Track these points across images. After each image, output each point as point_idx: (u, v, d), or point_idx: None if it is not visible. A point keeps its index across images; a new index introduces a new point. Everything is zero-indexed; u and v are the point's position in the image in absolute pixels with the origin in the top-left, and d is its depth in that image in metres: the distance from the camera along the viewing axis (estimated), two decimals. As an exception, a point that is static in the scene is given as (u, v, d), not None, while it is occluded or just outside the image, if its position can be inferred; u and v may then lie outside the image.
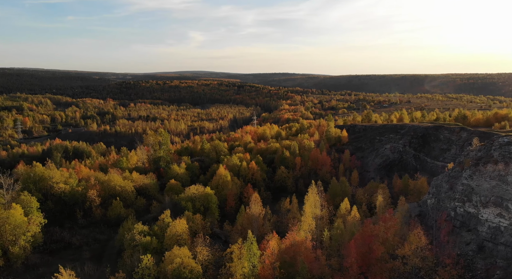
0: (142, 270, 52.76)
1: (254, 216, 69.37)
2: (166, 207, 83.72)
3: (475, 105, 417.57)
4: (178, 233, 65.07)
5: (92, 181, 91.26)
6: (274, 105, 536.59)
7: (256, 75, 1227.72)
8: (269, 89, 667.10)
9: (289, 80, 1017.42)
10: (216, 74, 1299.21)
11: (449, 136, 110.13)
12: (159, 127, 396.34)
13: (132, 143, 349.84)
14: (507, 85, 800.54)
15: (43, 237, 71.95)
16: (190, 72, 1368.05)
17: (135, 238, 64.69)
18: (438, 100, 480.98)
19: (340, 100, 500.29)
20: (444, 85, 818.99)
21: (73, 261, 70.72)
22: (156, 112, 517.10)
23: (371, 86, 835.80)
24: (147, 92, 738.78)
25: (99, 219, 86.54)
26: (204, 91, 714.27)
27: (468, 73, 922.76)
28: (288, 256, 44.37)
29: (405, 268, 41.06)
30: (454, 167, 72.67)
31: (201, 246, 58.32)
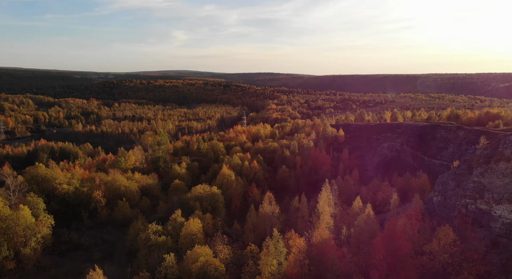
0: (165, 269, 52.79)
1: (268, 215, 69.86)
2: (175, 206, 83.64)
3: (457, 104, 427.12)
4: (193, 232, 65.20)
5: (97, 181, 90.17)
6: (261, 104, 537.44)
7: (241, 74, 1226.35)
8: (255, 89, 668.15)
9: (274, 80, 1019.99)
10: (201, 73, 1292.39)
11: (445, 135, 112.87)
12: (146, 127, 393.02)
13: (119, 143, 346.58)
14: (485, 85, 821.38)
15: (52, 239, 71.13)
16: (174, 71, 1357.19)
17: (150, 238, 64.47)
18: (422, 100, 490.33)
19: (326, 100, 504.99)
20: (426, 85, 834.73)
21: (84, 262, 70.49)
22: (141, 112, 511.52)
23: (354, 86, 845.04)
24: (131, 91, 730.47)
25: (105, 220, 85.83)
26: (190, 90, 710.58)
27: (448, 73, 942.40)
28: (316, 253, 45.07)
29: (432, 264, 42.31)
30: (460, 165, 74.72)
31: (221, 245, 58.69)
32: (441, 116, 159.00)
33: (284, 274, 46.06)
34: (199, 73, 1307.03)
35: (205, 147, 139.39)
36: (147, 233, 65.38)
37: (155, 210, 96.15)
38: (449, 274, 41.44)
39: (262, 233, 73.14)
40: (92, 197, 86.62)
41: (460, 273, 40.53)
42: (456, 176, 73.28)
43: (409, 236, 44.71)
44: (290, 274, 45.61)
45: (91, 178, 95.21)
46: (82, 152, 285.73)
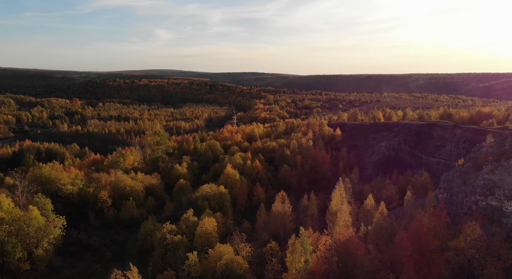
0: (188, 268, 52.89)
1: (281, 214, 70.52)
2: (184, 206, 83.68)
3: (441, 103, 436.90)
4: (208, 231, 65.37)
5: (103, 181, 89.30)
6: (247, 104, 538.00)
7: (226, 74, 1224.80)
8: (242, 89, 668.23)
9: (259, 80, 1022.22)
10: (185, 73, 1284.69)
11: (442, 133, 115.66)
12: (133, 127, 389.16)
13: (106, 144, 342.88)
14: (466, 84, 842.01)
15: (62, 240, 70.38)
16: (157, 70, 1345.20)
17: (166, 237, 64.38)
18: (406, 99, 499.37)
19: (313, 100, 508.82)
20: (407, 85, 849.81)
21: (96, 262, 70.60)
22: (127, 111, 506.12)
23: (338, 85, 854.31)
24: (115, 91, 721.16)
25: (112, 220, 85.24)
26: (175, 90, 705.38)
27: (429, 73, 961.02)
28: (344, 251, 45.93)
29: (458, 259, 43.71)
30: (465, 163, 76.82)
31: (240, 243, 59.08)
32: (432, 115, 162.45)
33: (310, 271, 46.75)
34: (183, 73, 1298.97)
35: (203, 147, 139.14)
36: (162, 233, 65.17)
37: (160, 210, 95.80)
38: (475, 269, 42.88)
39: (274, 231, 73.79)
40: (98, 198, 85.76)
41: (485, 267, 41.98)
42: (461, 174, 75.30)
43: (435, 232, 45.95)
44: (316, 271, 46.32)
45: (96, 179, 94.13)
46: (69, 152, 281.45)
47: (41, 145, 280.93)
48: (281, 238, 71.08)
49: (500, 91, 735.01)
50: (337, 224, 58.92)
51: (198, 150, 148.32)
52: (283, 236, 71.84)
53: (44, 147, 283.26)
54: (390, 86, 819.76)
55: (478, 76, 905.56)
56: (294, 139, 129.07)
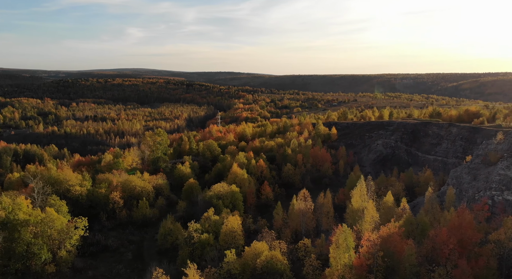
0: (227, 265, 53.24)
1: (303, 211, 71.71)
2: (199, 205, 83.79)
3: (416, 103, 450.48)
4: (234, 229, 65.79)
5: (114, 182, 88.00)
6: (226, 104, 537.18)
7: (201, 73, 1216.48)
8: (220, 88, 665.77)
9: (235, 79, 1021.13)
10: (159, 72, 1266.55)
11: (438, 131, 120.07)
12: (112, 127, 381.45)
13: (85, 145, 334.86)
14: (435, 84, 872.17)
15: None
16: (130, 69, 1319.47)
17: (193, 236, 64.44)
18: (381, 99, 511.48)
19: (291, 99, 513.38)
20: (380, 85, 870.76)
21: (117, 263, 70.02)
22: (102, 111, 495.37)
23: (313, 85, 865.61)
24: (87, 91, 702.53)
25: (124, 220, 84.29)
26: (151, 89, 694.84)
27: (400, 73, 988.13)
28: (387, 246, 47.42)
29: (497, 251, 46.12)
30: (473, 159, 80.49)
31: (271, 240, 59.82)
32: (421, 113, 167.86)
33: (352, 267, 48.01)
34: (157, 72, 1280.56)
35: (200, 147, 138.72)
36: (189, 231, 65.19)
37: (168, 209, 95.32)
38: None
39: (294, 228, 74.82)
40: (110, 198, 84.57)
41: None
42: (470, 170, 78.85)
43: (474, 226, 48.19)
44: (358, 266, 47.65)
45: (102, 179, 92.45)
46: (48, 154, 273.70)
47: (17, 146, 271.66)
48: (302, 235, 72.23)
49: (468, 91, 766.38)
50: (365, 220, 60.61)
51: (194, 150, 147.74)
52: (305, 233, 73.07)
53: (21, 148, 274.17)
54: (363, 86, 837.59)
55: (446, 76, 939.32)
56: (294, 138, 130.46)
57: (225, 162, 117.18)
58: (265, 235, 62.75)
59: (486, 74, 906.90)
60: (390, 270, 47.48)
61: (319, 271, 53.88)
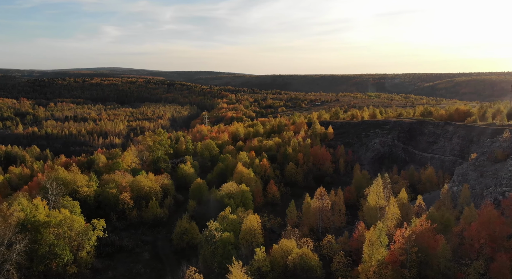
0: (257, 263, 53.64)
1: (319, 209, 72.64)
2: (211, 204, 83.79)
3: (397, 102, 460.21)
4: (254, 227, 66.15)
5: (123, 183, 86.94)
6: (209, 103, 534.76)
7: (181, 73, 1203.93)
8: (202, 88, 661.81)
9: (216, 79, 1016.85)
10: (136, 71, 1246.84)
11: (433, 130, 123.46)
12: (94, 127, 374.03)
13: (67, 146, 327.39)
14: (412, 84, 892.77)
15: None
16: (107, 68, 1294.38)
17: (214, 235, 64.46)
18: (363, 98, 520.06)
19: (274, 99, 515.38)
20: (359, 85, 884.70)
21: (135, 263, 70.34)
22: (82, 112, 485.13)
23: (294, 85, 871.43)
24: (65, 90, 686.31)
25: (135, 221, 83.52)
26: (131, 89, 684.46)
27: (378, 73, 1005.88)
28: (421, 241, 48.81)
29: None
30: (478, 157, 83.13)
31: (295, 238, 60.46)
32: (411, 113, 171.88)
33: (383, 262, 49.10)
34: (135, 71, 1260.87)
35: (199, 147, 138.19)
36: (210, 230, 65.25)
37: (176, 209, 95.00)
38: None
39: (309, 226, 75.65)
40: (120, 199, 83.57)
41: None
42: (476, 167, 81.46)
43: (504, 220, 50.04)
44: (390, 261, 48.83)
45: (110, 180, 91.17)
46: (29, 155, 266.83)
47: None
48: (319, 232, 73.22)
49: (444, 90, 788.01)
50: (386, 217, 62.01)
51: (190, 150, 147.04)
52: (322, 230, 74.05)
53: (1, 150, 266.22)
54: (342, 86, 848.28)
55: (422, 76, 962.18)
56: (294, 138, 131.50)
57: (227, 161, 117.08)
58: (289, 233, 63.34)
59: (460, 74, 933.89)
60: (424, 265, 48.82)
61: (347, 267, 54.99)
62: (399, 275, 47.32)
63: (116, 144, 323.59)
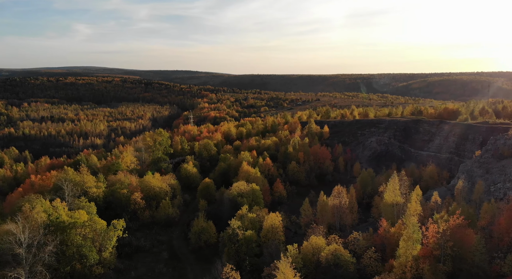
0: (288, 259, 54.08)
1: (337, 207, 73.72)
2: (224, 203, 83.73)
3: (376, 102, 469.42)
4: (276, 225, 66.69)
5: (133, 183, 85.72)
6: (189, 103, 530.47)
7: (157, 72, 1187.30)
8: (181, 87, 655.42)
9: (193, 78, 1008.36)
10: (111, 70, 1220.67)
11: (429, 128, 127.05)
12: (74, 128, 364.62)
13: (46, 147, 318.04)
14: (387, 84, 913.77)
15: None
16: (80, 67, 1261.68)
17: (237, 233, 64.62)
18: (342, 98, 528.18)
19: (255, 99, 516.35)
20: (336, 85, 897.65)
21: (155, 263, 69.91)
22: (58, 112, 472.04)
23: (272, 85, 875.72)
24: (38, 90, 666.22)
25: (148, 221, 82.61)
26: (107, 88, 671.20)
27: (354, 73, 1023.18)
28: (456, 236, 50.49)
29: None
30: (483, 154, 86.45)
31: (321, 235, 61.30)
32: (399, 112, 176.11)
33: (417, 257, 50.56)
34: (109, 70, 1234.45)
35: (196, 147, 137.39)
36: (233, 228, 65.41)
37: (185, 208, 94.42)
38: None
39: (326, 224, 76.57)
40: (131, 199, 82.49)
41: None
42: (481, 164, 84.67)
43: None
44: (423, 256, 50.38)
45: (117, 180, 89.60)
46: (8, 157, 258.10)
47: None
48: (337, 230, 74.26)
49: (417, 90, 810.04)
50: (409, 213, 63.61)
51: (186, 150, 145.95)
52: (339, 227, 75.18)
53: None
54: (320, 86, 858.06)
55: (396, 76, 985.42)
56: (294, 137, 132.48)
57: (229, 161, 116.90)
58: (315, 230, 64.09)
59: (432, 75, 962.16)
60: (457, 259, 50.50)
61: (378, 262, 56.15)
62: (436, 269, 48.77)
63: (98, 145, 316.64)
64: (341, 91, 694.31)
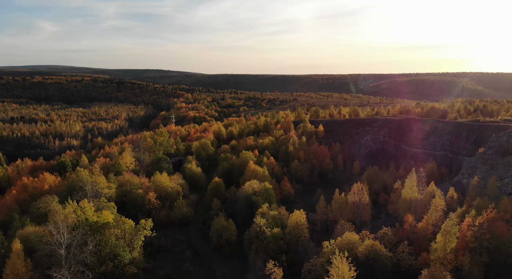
0: (327, 255, 55.17)
1: (357, 204, 75.35)
2: (240, 202, 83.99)
3: (352, 101, 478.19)
4: (301, 222, 67.61)
5: (146, 183, 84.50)
6: (165, 103, 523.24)
7: (127, 71, 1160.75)
8: (155, 87, 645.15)
9: (165, 77, 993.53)
10: (78, 69, 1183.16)
11: (422, 127, 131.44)
12: (48, 129, 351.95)
13: (20, 148, 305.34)
14: (357, 84, 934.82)
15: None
16: (45, 66, 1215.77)
17: (264, 231, 65.08)
18: (318, 98, 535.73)
19: (233, 98, 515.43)
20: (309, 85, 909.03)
21: (180, 261, 69.53)
22: (28, 112, 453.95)
23: (247, 85, 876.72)
24: (3, 90, 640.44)
25: (164, 220, 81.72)
26: (77, 88, 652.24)
27: (326, 74, 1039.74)
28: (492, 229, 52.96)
29: None
30: (486, 151, 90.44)
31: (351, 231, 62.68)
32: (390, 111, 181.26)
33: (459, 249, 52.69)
34: (76, 69, 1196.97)
35: (194, 147, 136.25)
36: (260, 226, 65.95)
37: (196, 208, 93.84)
38: None
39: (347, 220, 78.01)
40: (146, 199, 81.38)
41: None
42: (485, 160, 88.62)
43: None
44: (461, 249, 52.62)
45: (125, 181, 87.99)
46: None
47: None
48: (357, 226, 75.81)
49: (387, 90, 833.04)
50: (435, 209, 66.03)
51: (181, 150, 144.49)
52: (359, 223, 76.82)
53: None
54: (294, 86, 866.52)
55: (366, 76, 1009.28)
56: (293, 137, 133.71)
57: (232, 160, 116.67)
58: (344, 226, 65.33)
59: (400, 75, 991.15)
60: (493, 251, 52.96)
61: (411, 256, 57.97)
62: (476, 261, 50.99)
63: (74, 146, 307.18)
64: (315, 91, 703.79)
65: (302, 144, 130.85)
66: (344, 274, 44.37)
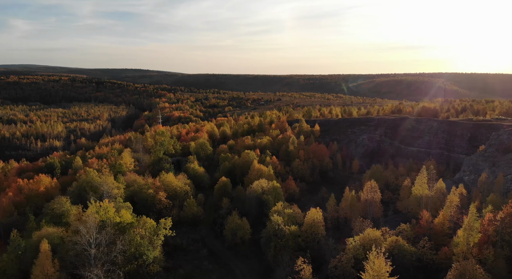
0: (351, 251, 56.37)
1: (369, 201, 76.67)
2: (250, 200, 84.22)
3: (335, 101, 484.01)
4: (317, 220, 68.42)
5: (156, 183, 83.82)
6: (147, 103, 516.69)
7: (105, 70, 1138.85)
8: (136, 86, 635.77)
9: (145, 77, 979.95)
10: (54, 68, 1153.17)
11: (417, 126, 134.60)
12: (29, 130, 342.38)
13: (1, 150, 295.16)
14: (338, 85, 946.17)
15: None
16: (19, 66, 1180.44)
17: (282, 229, 65.63)
18: (301, 98, 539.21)
19: (217, 98, 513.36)
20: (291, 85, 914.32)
21: (198, 260, 69.99)
22: (5, 113, 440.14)
23: (228, 85, 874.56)
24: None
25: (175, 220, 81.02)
26: (55, 88, 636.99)
27: (307, 74, 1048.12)
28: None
29: None
30: (487, 149, 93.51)
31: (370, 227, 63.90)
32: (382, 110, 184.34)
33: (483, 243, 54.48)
34: (52, 68, 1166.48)
35: (192, 147, 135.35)
36: (277, 224, 66.51)
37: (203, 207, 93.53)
38: None
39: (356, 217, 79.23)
40: (156, 199, 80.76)
41: None
42: (486, 158, 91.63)
43: None
44: (482, 243, 54.46)
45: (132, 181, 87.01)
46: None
47: None
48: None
49: (367, 90, 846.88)
50: (450, 205, 67.94)
51: (178, 151, 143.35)
52: (371, 220, 78.01)
53: None
54: (276, 85, 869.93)
55: (346, 77, 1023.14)
56: (293, 136, 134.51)
57: (233, 160, 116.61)
58: (363, 224, 66.41)
59: (379, 75, 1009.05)
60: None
61: (432, 250, 59.50)
62: (500, 255, 52.84)
63: (57, 147, 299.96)
64: (297, 91, 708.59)
65: (301, 143, 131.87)
66: (380, 269, 45.23)
